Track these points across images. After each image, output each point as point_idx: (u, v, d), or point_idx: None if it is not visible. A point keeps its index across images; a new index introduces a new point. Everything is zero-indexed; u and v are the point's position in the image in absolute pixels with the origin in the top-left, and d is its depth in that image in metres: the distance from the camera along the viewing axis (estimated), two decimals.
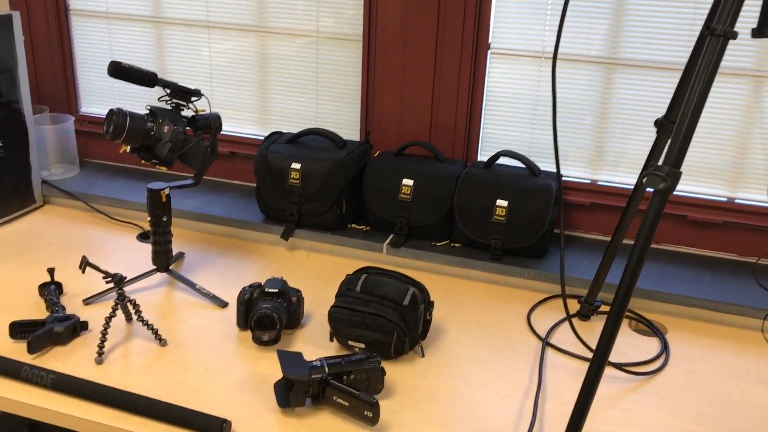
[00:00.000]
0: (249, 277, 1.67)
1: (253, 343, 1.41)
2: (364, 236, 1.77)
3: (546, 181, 1.67)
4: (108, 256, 1.74)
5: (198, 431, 1.14)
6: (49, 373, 1.23)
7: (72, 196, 1.96)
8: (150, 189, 1.51)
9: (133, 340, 1.40)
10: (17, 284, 1.58)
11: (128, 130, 1.39)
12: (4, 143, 1.82)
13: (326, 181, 1.73)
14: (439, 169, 1.73)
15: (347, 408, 1.18)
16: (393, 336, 1.32)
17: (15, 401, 1.22)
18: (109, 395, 1.20)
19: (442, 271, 1.72)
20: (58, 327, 1.36)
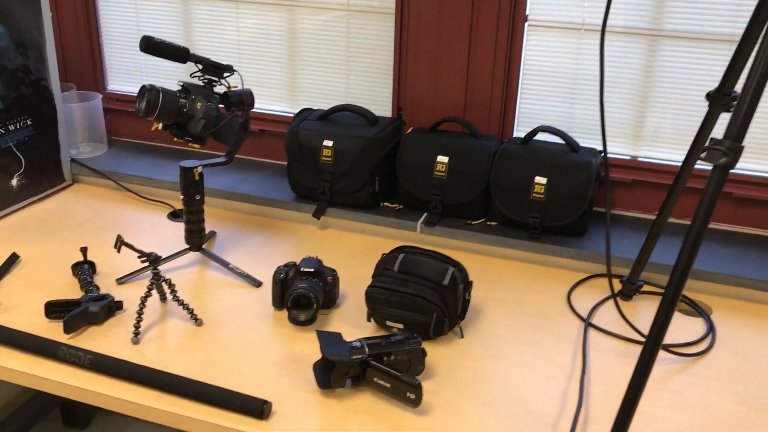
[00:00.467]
0: (281, 256, 1.64)
1: (288, 323, 1.39)
2: (397, 215, 1.74)
3: (586, 158, 1.62)
4: (139, 235, 1.72)
5: (238, 412, 1.13)
6: (87, 354, 1.22)
7: (101, 175, 1.95)
8: (183, 167, 1.48)
9: (169, 320, 1.39)
10: (50, 263, 1.57)
11: (161, 107, 1.36)
12: (33, 121, 1.80)
13: (359, 158, 1.69)
14: (475, 145, 1.69)
15: (389, 389, 1.15)
16: (432, 316, 1.29)
17: (52, 381, 1.21)
18: (148, 375, 1.18)
19: (477, 250, 1.68)
20: (93, 307, 1.34)
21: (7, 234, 1.70)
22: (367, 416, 1.15)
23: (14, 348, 1.27)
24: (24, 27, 1.73)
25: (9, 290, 1.46)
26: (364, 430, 1.12)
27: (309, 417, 1.14)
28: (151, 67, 2.10)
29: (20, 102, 1.75)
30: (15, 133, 1.75)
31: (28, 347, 1.25)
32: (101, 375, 1.21)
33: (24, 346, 1.25)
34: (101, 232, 1.73)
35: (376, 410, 1.16)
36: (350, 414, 1.15)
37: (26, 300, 1.43)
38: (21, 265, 1.56)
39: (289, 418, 1.14)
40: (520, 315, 1.45)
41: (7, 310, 1.39)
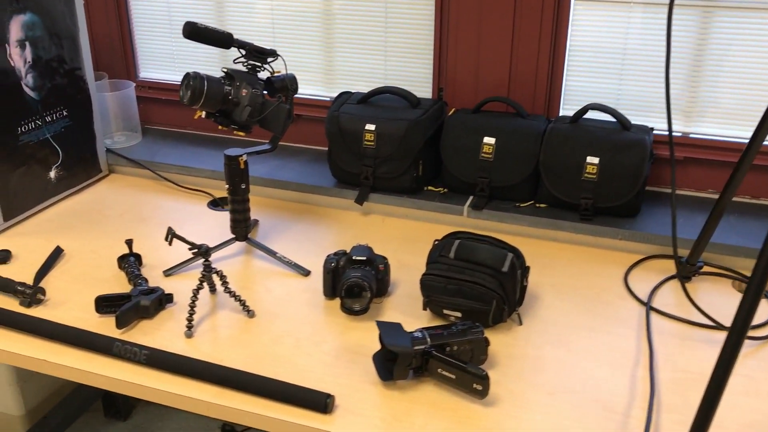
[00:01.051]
0: (325, 244, 1.61)
1: (341, 313, 1.36)
2: (441, 199, 1.70)
3: (639, 135, 1.57)
4: (181, 225, 1.69)
5: (301, 407, 1.10)
6: (142, 349, 1.19)
7: (138, 165, 1.92)
8: (227, 156, 1.45)
9: (220, 312, 1.36)
10: (94, 257, 1.55)
11: (206, 95, 1.33)
12: (69, 112, 1.78)
13: (402, 142, 1.65)
14: (522, 125, 1.64)
15: (453, 380, 1.12)
16: (492, 304, 1.26)
17: (107, 377, 1.19)
18: (207, 370, 1.16)
19: (527, 233, 1.64)
20: (144, 300, 1.32)
21: (48, 227, 1.68)
22: (432, 408, 1.12)
23: (67, 344, 1.25)
24: (57, 16, 1.70)
25: (56, 285, 1.44)
26: (431, 422, 1.09)
27: (372, 410, 1.11)
28: (184, 54, 2.06)
29: (56, 92, 1.72)
30: (52, 124, 1.73)
31: (82, 343, 1.23)
32: (158, 370, 1.19)
33: (78, 342, 1.23)
34: (142, 223, 1.70)
35: (440, 402, 1.13)
36: (415, 406, 1.12)
37: (74, 294, 1.41)
38: (65, 259, 1.54)
39: (352, 411, 1.11)
40: (577, 300, 1.41)
41: (56, 306, 1.37)
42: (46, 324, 1.26)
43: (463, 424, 1.09)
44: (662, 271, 1.50)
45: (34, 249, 1.57)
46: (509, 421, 1.09)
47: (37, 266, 1.50)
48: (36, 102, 1.67)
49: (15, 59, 1.60)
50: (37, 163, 1.70)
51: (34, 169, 1.70)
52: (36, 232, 1.65)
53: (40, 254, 1.55)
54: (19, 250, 1.56)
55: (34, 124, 1.68)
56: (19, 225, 1.68)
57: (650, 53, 1.64)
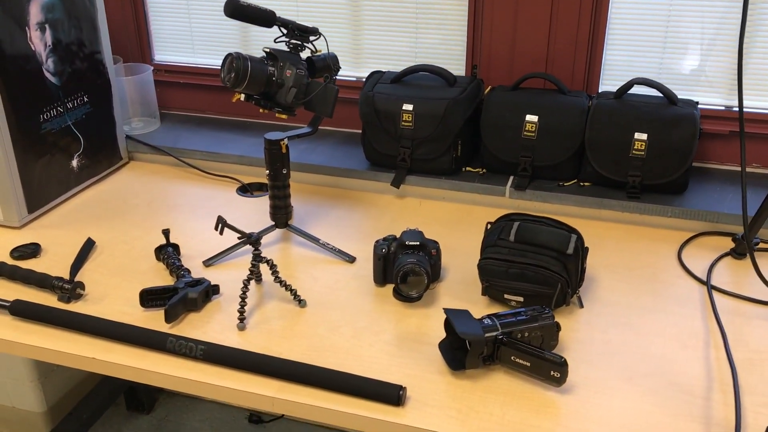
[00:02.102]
0: (364, 228, 1.56)
1: (395, 300, 1.31)
2: (481, 180, 1.65)
3: (687, 110, 1.52)
4: (212, 213, 1.63)
5: (373, 400, 1.06)
6: (199, 344, 1.14)
7: (160, 151, 1.85)
8: (268, 140, 1.39)
9: (269, 303, 1.31)
10: (127, 248, 1.49)
11: (250, 77, 1.26)
12: (89, 98, 1.70)
13: (442, 122, 1.60)
14: (565, 102, 1.59)
15: (528, 368, 1.08)
16: (557, 288, 1.22)
17: (163, 374, 1.14)
18: (269, 364, 1.11)
19: (571, 213, 1.60)
20: (191, 293, 1.26)
21: (74, 218, 1.61)
22: (507, 397, 1.08)
23: (117, 341, 1.19)
24: None
25: (93, 278, 1.38)
26: (508, 412, 1.05)
27: (445, 401, 1.07)
28: (202, 35, 1.98)
29: (76, 78, 1.65)
30: (73, 111, 1.65)
31: (133, 340, 1.17)
32: (215, 366, 1.14)
33: (129, 339, 1.17)
34: (171, 211, 1.64)
35: (514, 390, 1.09)
36: (488, 396, 1.08)
37: (113, 288, 1.35)
38: (98, 251, 1.48)
39: (424, 402, 1.07)
40: (633, 280, 1.37)
41: (97, 301, 1.31)
42: (92, 320, 1.21)
43: (542, 412, 1.05)
44: (715, 249, 1.47)
45: (63, 241, 1.51)
46: (589, 409, 1.06)
47: (68, 259, 1.44)
48: (57, 88, 1.60)
49: (35, 43, 1.52)
50: (59, 152, 1.63)
51: (57, 158, 1.62)
52: (62, 224, 1.59)
53: (69, 247, 1.48)
54: (48, 243, 1.50)
55: (56, 111, 1.60)
56: (43, 217, 1.61)
57: (694, 24, 1.59)
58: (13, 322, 1.25)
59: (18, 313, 1.24)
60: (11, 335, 1.22)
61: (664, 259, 1.44)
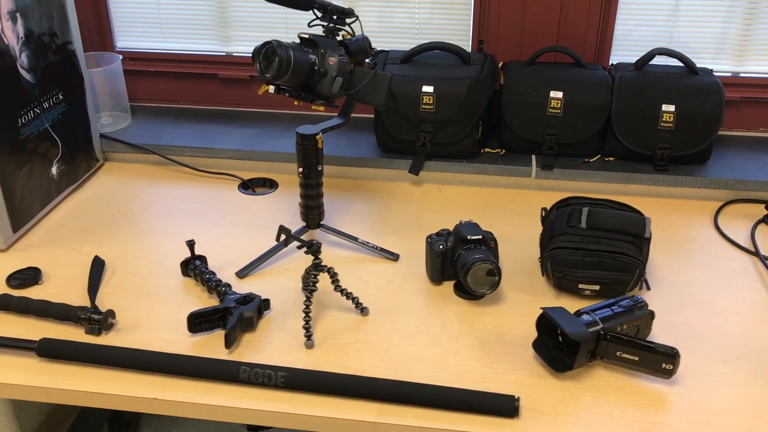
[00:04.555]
0: (392, 221, 1.46)
1: (457, 299, 1.23)
2: (503, 161, 1.59)
3: (711, 79, 1.52)
4: (221, 215, 1.48)
5: (486, 414, 0.98)
6: (278, 371, 1.02)
7: (140, 150, 1.66)
8: (302, 135, 1.26)
9: (326, 314, 1.19)
10: (141, 263, 1.32)
11: (294, 67, 1.13)
12: (64, 95, 1.50)
13: (465, 103, 1.51)
14: (587, 76, 1.55)
15: (636, 363, 1.03)
16: (635, 273, 1.18)
17: (240, 409, 1.01)
18: (363, 386, 1.00)
19: (597, 189, 1.56)
20: (247, 311, 1.13)
21: (64, 234, 1.42)
22: (620, 395, 1.03)
23: (176, 376, 1.05)
24: None
25: (116, 304, 1.21)
26: (627, 410, 1.00)
27: (557, 406, 1.01)
28: (173, 18, 1.79)
29: (50, 73, 1.44)
30: (49, 111, 1.45)
31: (199, 374, 1.03)
32: (298, 393, 1.03)
33: (193, 372, 1.03)
34: (174, 217, 1.48)
35: (623, 387, 1.04)
36: (600, 396, 1.03)
37: (144, 313, 1.19)
38: (109, 271, 1.30)
39: (537, 410, 1.00)
40: (683, 255, 1.35)
41: (131, 329, 1.15)
42: (144, 355, 1.05)
43: (659, 408, 1.01)
44: (746, 217, 1.47)
45: (62, 262, 1.33)
46: (702, 398, 1.03)
47: (76, 283, 1.26)
48: (32, 86, 1.39)
49: (7, 35, 1.31)
50: (39, 159, 1.43)
51: (36, 166, 1.42)
52: (53, 242, 1.39)
53: (72, 268, 1.30)
54: (45, 266, 1.31)
55: (33, 113, 1.39)
56: (29, 235, 1.41)
57: None
58: (40, 364, 1.08)
59: (48, 353, 1.07)
60: (44, 381, 1.05)
61: (702, 231, 1.43)
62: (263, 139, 1.69)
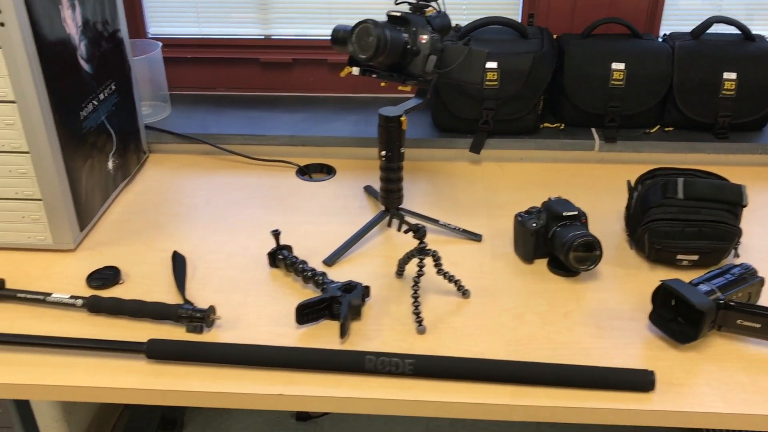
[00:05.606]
0: (462, 200, 1.44)
1: (553, 276, 1.22)
2: (566, 135, 1.57)
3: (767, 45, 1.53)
4: (287, 203, 1.44)
5: (621, 390, 0.97)
6: (405, 358, 0.99)
7: (187, 140, 1.61)
8: (385, 116, 1.23)
9: (427, 298, 1.17)
10: (222, 257, 1.28)
11: (390, 46, 1.09)
12: (116, 85, 1.43)
13: (529, 78, 1.49)
14: (647, 47, 1.54)
15: (757, 330, 1.04)
16: (733, 241, 1.18)
17: (366, 399, 0.99)
18: (494, 369, 0.99)
19: (659, 160, 1.56)
20: (354, 300, 1.10)
21: (129, 231, 1.36)
22: (744, 363, 1.03)
23: (298, 370, 1.02)
24: None
25: (206, 299, 1.16)
26: (758, 380, 1.00)
27: (687, 377, 1.00)
28: (206, 1, 1.72)
29: (104, 62, 1.37)
30: (104, 103, 1.38)
31: (323, 366, 1.00)
32: (427, 379, 1.01)
33: (316, 365, 1.00)
34: (239, 207, 1.43)
35: (746, 355, 1.04)
36: (726, 365, 1.02)
37: (240, 307, 1.15)
38: (190, 267, 1.26)
39: (669, 383, 1.00)
40: (758, 221, 1.36)
41: (232, 325, 1.11)
42: (264, 350, 1.02)
43: None
44: None
45: (137, 260, 1.27)
46: None
47: (157, 281, 1.21)
48: (90, 77, 1.32)
49: (68, 24, 1.24)
50: (98, 153, 1.36)
51: (96, 161, 1.36)
52: (121, 239, 1.34)
53: (148, 265, 1.25)
54: (119, 264, 1.25)
55: (92, 105, 1.33)
56: (93, 233, 1.35)
57: None
58: (149, 366, 1.03)
59: (158, 354, 1.02)
60: (160, 383, 1.00)
61: None
62: (315, 124, 1.65)
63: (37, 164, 1.20)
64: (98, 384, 1.00)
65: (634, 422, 0.97)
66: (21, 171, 1.21)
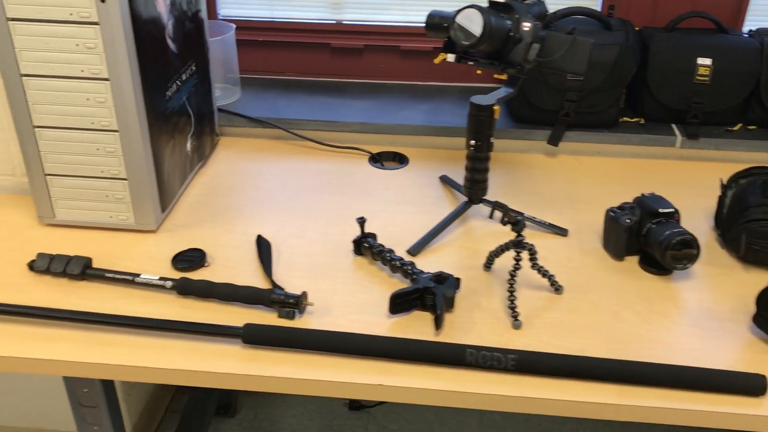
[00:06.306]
0: (544, 193, 1.41)
1: (644, 274, 1.19)
2: (646, 131, 1.54)
3: None
4: (364, 191, 1.42)
5: (733, 393, 0.95)
6: (507, 353, 0.97)
7: (262, 124, 1.59)
8: (477, 105, 1.20)
9: (519, 292, 1.15)
10: (304, 242, 1.26)
11: (494, 33, 1.07)
12: (196, 66, 1.42)
13: (614, 70, 1.46)
14: (734, 42, 1.50)
15: None
16: None
17: (465, 393, 0.97)
18: (601, 368, 0.96)
19: (741, 159, 1.52)
20: (448, 291, 1.08)
21: (208, 213, 1.34)
22: None
23: (399, 360, 1.00)
24: None
25: (292, 285, 1.14)
26: None
27: None
28: None
29: (187, 42, 1.36)
30: (186, 84, 1.37)
31: (423, 358, 0.98)
32: (528, 376, 0.98)
33: (416, 357, 0.98)
34: (315, 193, 1.41)
35: None
36: None
37: (329, 295, 1.13)
38: (275, 252, 1.24)
39: None
40: None
41: (324, 312, 1.09)
42: (362, 339, 1.00)
43: None
44: None
45: (218, 242, 1.26)
46: None
47: (242, 265, 1.20)
48: (175, 57, 1.31)
49: (159, 2, 1.23)
50: (179, 134, 1.35)
51: (177, 142, 1.35)
52: (201, 220, 1.33)
53: (230, 249, 1.24)
54: (202, 247, 1.24)
55: (176, 85, 1.32)
56: (173, 215, 1.34)
57: None
58: (244, 351, 1.02)
59: (254, 339, 1.01)
60: (258, 368, 0.99)
61: None
62: (386, 112, 1.62)
63: (125, 143, 1.19)
64: (194, 367, 0.99)
65: (744, 427, 0.95)
66: (108, 150, 1.20)
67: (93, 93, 1.15)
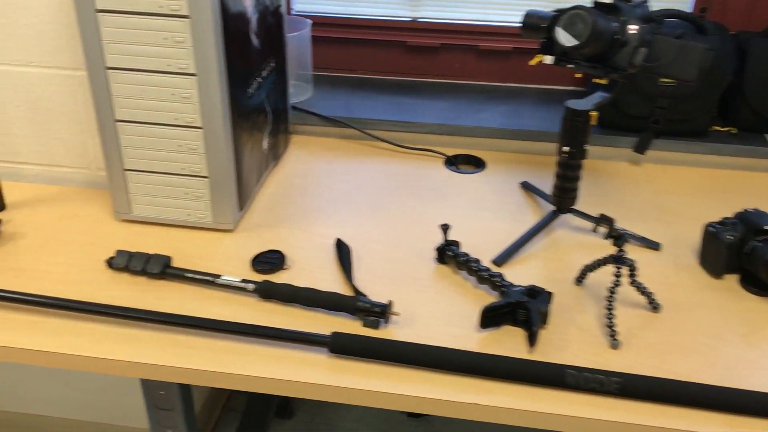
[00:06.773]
0: (631, 204, 1.34)
1: (745, 294, 1.12)
2: (740, 140, 1.46)
3: None
4: (441, 196, 1.37)
5: None
6: (611, 376, 0.92)
7: (336, 124, 1.55)
8: (573, 110, 1.14)
9: (615, 309, 1.09)
10: (383, 248, 1.22)
11: (600, 36, 1.01)
12: (275, 62, 1.39)
13: (710, 76, 1.39)
14: None
15: None
16: None
17: (567, 417, 0.92)
18: (710, 396, 0.90)
19: None
20: (543, 307, 1.03)
21: (284, 214, 1.31)
22: None
23: (494, 378, 0.95)
24: None
25: (373, 293, 1.11)
26: None
27: None
28: None
29: (269, 38, 1.33)
30: (266, 80, 1.34)
31: (521, 377, 0.93)
32: (631, 400, 0.93)
33: (513, 375, 0.93)
34: (392, 196, 1.37)
35: None
36: None
37: (413, 305, 1.09)
38: (356, 257, 1.20)
39: None
40: None
41: (408, 323, 1.05)
42: (456, 354, 0.96)
43: None
44: None
45: (296, 244, 1.23)
46: None
47: (321, 269, 1.16)
48: (257, 52, 1.28)
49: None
50: (257, 132, 1.33)
51: (255, 140, 1.32)
52: (277, 221, 1.29)
53: (309, 251, 1.21)
54: (280, 248, 1.21)
55: (257, 82, 1.29)
56: (249, 214, 1.32)
57: None
58: (330, 361, 0.98)
59: (341, 349, 0.97)
60: (345, 380, 0.95)
61: None
62: (462, 113, 1.57)
63: (208, 141, 1.16)
64: (280, 376, 0.96)
65: None
66: (191, 147, 1.18)
67: (178, 88, 1.12)
